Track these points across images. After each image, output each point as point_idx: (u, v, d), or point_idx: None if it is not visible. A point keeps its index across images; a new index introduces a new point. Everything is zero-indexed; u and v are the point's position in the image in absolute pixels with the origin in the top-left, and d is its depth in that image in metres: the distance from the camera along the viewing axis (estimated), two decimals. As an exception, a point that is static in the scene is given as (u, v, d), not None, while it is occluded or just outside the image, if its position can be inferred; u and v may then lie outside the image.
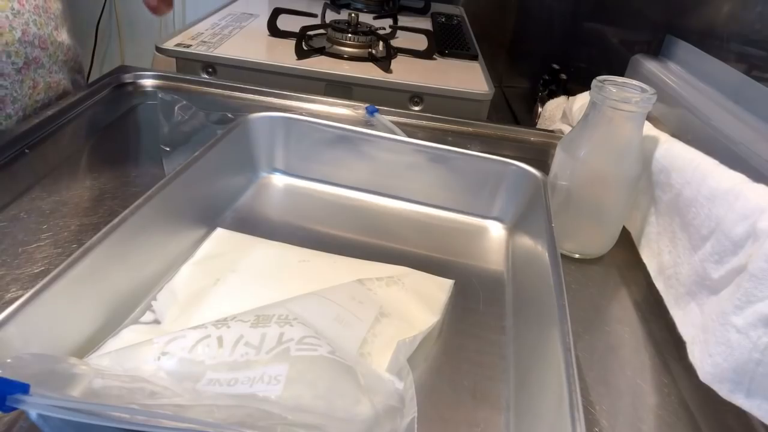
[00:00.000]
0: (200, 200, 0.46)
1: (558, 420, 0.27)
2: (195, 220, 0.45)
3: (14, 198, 0.47)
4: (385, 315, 0.37)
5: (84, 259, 0.33)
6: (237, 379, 0.29)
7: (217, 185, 0.49)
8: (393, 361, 0.33)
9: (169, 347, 0.30)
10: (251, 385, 0.28)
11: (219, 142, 0.48)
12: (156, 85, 0.71)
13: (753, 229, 0.33)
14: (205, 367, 0.29)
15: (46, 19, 0.60)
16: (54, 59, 0.62)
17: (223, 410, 0.26)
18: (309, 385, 0.28)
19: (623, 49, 0.76)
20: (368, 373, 0.31)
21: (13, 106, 0.58)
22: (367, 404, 0.29)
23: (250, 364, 0.29)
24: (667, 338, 0.41)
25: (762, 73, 0.47)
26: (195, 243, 0.44)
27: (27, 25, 0.57)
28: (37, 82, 0.60)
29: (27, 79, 0.59)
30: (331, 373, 0.29)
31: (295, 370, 0.29)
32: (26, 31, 0.57)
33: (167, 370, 0.29)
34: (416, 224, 0.52)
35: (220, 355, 0.30)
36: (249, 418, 0.26)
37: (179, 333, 0.31)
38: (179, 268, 0.40)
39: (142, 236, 0.38)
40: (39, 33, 0.59)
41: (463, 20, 1.20)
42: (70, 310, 0.32)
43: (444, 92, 0.80)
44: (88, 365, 0.28)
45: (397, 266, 0.43)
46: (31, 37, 0.58)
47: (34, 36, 0.58)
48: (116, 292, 0.36)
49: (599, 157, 0.46)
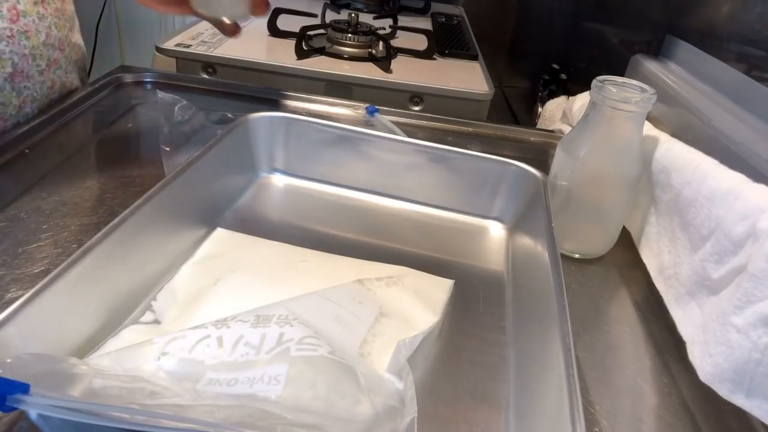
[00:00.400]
0: (200, 200, 0.46)
1: (558, 420, 0.27)
2: (195, 220, 0.45)
3: (14, 198, 0.47)
4: (385, 315, 0.37)
5: (84, 259, 0.33)
6: (237, 379, 0.29)
7: (217, 185, 0.49)
8: (393, 361, 0.33)
9: (169, 347, 0.30)
10: (251, 385, 0.28)
11: (219, 142, 0.48)
12: (156, 85, 0.71)
13: (753, 229, 0.33)
14: (205, 367, 0.29)
15: (63, 22, 0.61)
16: (69, 60, 0.63)
17: (223, 410, 0.26)
18: (309, 386, 0.28)
19: (623, 49, 0.76)
20: (368, 373, 0.31)
21: (32, 105, 0.59)
22: (367, 404, 0.29)
23: (250, 364, 0.29)
24: (667, 338, 0.41)
25: (762, 73, 0.47)
26: (195, 243, 0.44)
27: (50, 28, 0.58)
28: (54, 82, 0.61)
29: (47, 80, 0.60)
30: (331, 373, 0.29)
31: (295, 370, 0.29)
32: (49, 34, 0.58)
33: (167, 370, 0.29)
34: (416, 224, 0.52)
35: (220, 355, 0.30)
36: (249, 418, 0.26)
37: (179, 333, 0.31)
38: (179, 268, 0.40)
39: (142, 236, 0.38)
40: (59, 35, 0.60)
41: (463, 20, 1.20)
42: (70, 310, 0.32)
43: (444, 92, 0.80)
44: (88, 365, 0.28)
45: (397, 266, 0.43)
46: (53, 40, 0.59)
47: (55, 38, 0.59)
48: (116, 292, 0.36)
49: (599, 157, 0.46)
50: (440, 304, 0.40)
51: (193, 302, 0.37)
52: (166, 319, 0.36)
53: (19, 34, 0.55)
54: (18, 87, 0.56)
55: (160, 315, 0.36)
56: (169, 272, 0.40)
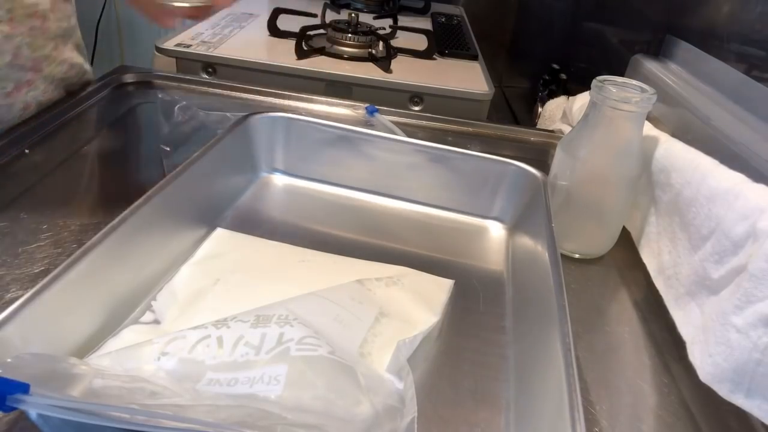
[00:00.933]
0: (200, 200, 0.46)
1: (558, 420, 0.27)
2: (195, 220, 0.45)
3: (14, 198, 0.47)
4: (385, 315, 0.37)
5: (84, 259, 0.33)
6: (237, 379, 0.29)
7: (217, 185, 0.49)
8: (393, 361, 0.33)
9: (169, 347, 0.30)
10: (251, 385, 0.28)
11: (219, 142, 0.48)
12: (156, 85, 0.71)
13: (753, 229, 0.33)
14: (205, 367, 0.29)
15: (43, 41, 0.57)
16: (51, 79, 0.60)
17: (223, 410, 0.26)
18: (309, 385, 0.28)
19: (623, 49, 0.76)
20: (368, 373, 0.31)
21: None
22: (367, 404, 0.29)
23: (250, 364, 0.29)
24: (667, 338, 0.41)
25: (762, 73, 0.47)
26: (195, 243, 0.44)
27: (18, 48, 0.54)
28: (28, 104, 0.57)
29: (17, 102, 0.56)
30: (331, 373, 0.29)
31: (295, 370, 0.29)
32: (18, 55, 0.54)
33: (167, 370, 0.29)
34: (416, 224, 0.52)
35: (220, 355, 0.30)
36: (249, 418, 0.26)
37: (179, 333, 0.31)
38: (179, 268, 0.40)
39: (142, 236, 0.38)
40: (33, 56, 0.56)
41: (463, 20, 1.20)
42: (70, 310, 0.32)
43: (444, 92, 0.80)
44: (88, 365, 0.29)
45: (396, 266, 0.43)
46: (24, 60, 0.55)
47: (27, 59, 0.55)
48: (116, 292, 0.36)
49: (599, 157, 0.46)
50: (440, 304, 0.40)
51: (193, 302, 0.37)
52: (166, 319, 0.36)
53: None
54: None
55: (160, 315, 0.36)
56: (169, 272, 0.40)
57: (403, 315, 0.38)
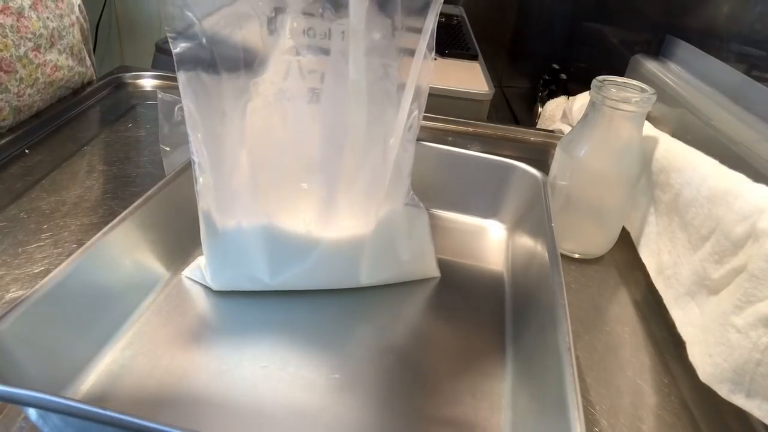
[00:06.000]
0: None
1: (558, 420, 0.27)
2: (195, 220, 0.45)
3: (14, 198, 0.47)
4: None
5: (84, 258, 0.33)
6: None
7: (217, 185, 0.48)
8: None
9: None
10: None
11: (219, 142, 0.48)
12: (156, 85, 0.71)
13: (753, 229, 0.33)
14: None
15: (16, 39, 0.54)
16: (28, 83, 0.56)
17: None
18: None
19: (623, 49, 0.76)
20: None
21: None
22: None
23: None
24: (667, 338, 0.41)
25: (762, 73, 0.47)
26: (195, 243, 0.43)
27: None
28: (1, 107, 0.54)
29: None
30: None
31: None
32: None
33: None
34: (416, 224, 0.52)
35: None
36: None
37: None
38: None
39: (142, 236, 0.38)
40: (3, 55, 0.53)
41: (463, 20, 1.20)
42: (70, 310, 0.32)
43: (444, 92, 0.80)
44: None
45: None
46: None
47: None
48: (116, 292, 0.36)
49: (599, 157, 0.46)
50: None
51: None
52: None
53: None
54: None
55: None
56: (169, 272, 0.40)
57: None
